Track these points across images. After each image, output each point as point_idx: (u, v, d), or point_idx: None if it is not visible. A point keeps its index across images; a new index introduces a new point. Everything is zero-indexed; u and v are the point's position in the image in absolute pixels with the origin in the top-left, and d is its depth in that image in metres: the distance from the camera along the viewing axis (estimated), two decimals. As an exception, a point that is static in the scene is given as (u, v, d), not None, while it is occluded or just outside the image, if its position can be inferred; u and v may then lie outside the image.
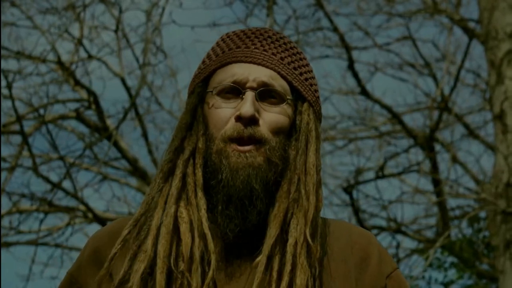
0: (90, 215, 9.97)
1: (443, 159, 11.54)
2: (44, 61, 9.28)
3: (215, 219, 1.72)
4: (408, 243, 15.51)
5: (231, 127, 1.74)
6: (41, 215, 9.56)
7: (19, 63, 9.34)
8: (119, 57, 10.22)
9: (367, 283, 1.77)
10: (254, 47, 1.81)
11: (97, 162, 10.70)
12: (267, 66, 1.79)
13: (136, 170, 10.77)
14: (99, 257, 1.79)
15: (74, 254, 10.31)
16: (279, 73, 1.79)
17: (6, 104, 9.34)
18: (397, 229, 10.16)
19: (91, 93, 9.83)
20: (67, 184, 9.60)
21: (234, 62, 1.80)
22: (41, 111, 9.62)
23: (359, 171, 10.44)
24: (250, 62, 1.79)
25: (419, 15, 10.59)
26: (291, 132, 1.79)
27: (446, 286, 10.83)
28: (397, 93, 19.91)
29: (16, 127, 9.58)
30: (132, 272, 1.69)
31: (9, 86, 8.33)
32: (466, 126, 11.05)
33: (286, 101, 1.78)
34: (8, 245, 10.04)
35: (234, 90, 1.77)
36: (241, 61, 1.79)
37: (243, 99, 1.75)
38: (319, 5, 9.69)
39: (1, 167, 9.14)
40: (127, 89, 10.17)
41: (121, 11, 9.78)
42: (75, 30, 9.93)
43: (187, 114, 1.81)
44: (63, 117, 10.27)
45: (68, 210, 10.08)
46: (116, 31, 9.95)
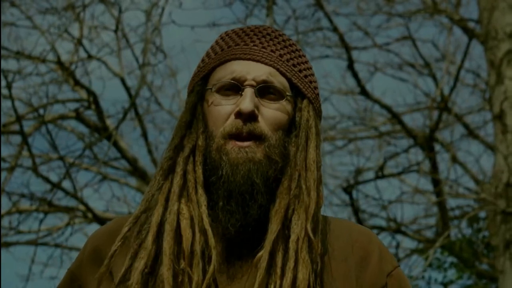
0: (89, 215, 9.97)
1: (442, 159, 11.55)
2: (43, 61, 9.28)
3: (215, 216, 1.72)
4: (408, 243, 15.50)
5: (230, 123, 1.74)
6: (40, 215, 9.56)
7: (18, 63, 9.36)
8: (118, 57, 10.23)
9: (367, 281, 1.77)
10: (253, 44, 1.81)
11: (96, 162, 10.70)
12: (266, 63, 1.79)
13: (135, 170, 10.77)
14: (99, 255, 1.79)
15: (74, 254, 10.31)
16: (278, 70, 1.79)
17: (6, 104, 9.35)
18: (396, 229, 10.16)
19: (90, 93, 9.83)
20: (66, 184, 9.61)
21: (233, 59, 1.80)
22: (41, 111, 9.62)
23: (358, 171, 10.44)
24: (249, 59, 1.79)
25: (419, 15, 10.59)
26: (290, 128, 1.79)
27: (446, 286, 10.83)
28: (396, 93, 19.92)
29: (16, 127, 9.58)
30: (133, 269, 1.69)
31: (9, 86, 8.33)
32: (465, 126, 11.05)
33: (286, 98, 1.78)
34: (8, 245, 10.04)
35: (233, 87, 1.77)
36: (240, 58, 1.79)
37: (242, 95, 1.75)
38: (318, 5, 9.69)
39: (1, 167, 9.14)
40: (127, 89, 10.17)
41: (120, 11, 9.79)
42: (74, 30, 9.94)
43: (186, 113, 1.81)
44: (63, 117, 10.27)
45: (68, 210, 10.08)
46: (115, 31, 9.96)
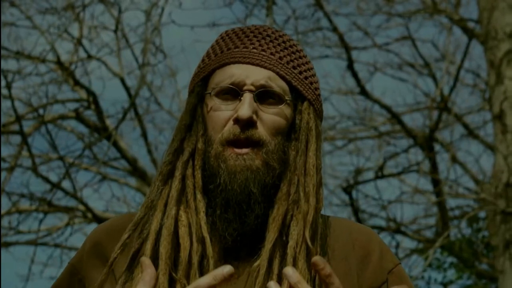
0: (89, 215, 9.97)
1: (442, 159, 11.55)
2: (43, 61, 9.28)
3: (214, 222, 1.72)
4: (408, 243, 15.49)
5: (228, 129, 1.73)
6: (40, 215, 9.57)
7: (18, 63, 9.36)
8: (118, 57, 10.23)
9: (368, 279, 1.77)
10: (252, 47, 1.80)
11: (96, 162, 10.70)
12: (265, 67, 1.78)
13: (135, 170, 10.77)
14: (99, 250, 1.79)
15: (74, 254, 10.29)
16: (277, 73, 1.78)
17: (6, 104, 9.35)
18: (396, 229, 10.15)
19: (90, 93, 9.83)
20: (66, 184, 9.61)
21: (232, 63, 1.79)
22: (41, 111, 9.62)
23: (358, 171, 10.44)
24: (248, 63, 1.78)
25: (419, 15, 10.59)
26: (290, 132, 1.78)
27: (446, 286, 10.84)
28: (396, 93, 19.94)
29: (15, 127, 9.58)
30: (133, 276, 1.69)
31: (8, 86, 8.33)
32: (465, 126, 11.05)
33: (285, 102, 1.77)
34: (7, 245, 10.03)
35: (232, 92, 1.76)
36: (239, 62, 1.78)
37: (241, 100, 1.74)
38: (318, 5, 9.69)
39: (0, 167, 9.14)
40: (127, 89, 10.17)
41: (120, 11, 9.79)
42: (74, 30, 9.92)
43: (186, 115, 1.80)
44: (63, 117, 10.27)
45: (68, 210, 10.08)
46: (115, 31, 9.96)
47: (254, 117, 1.73)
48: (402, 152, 11.04)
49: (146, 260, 1.57)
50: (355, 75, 10.03)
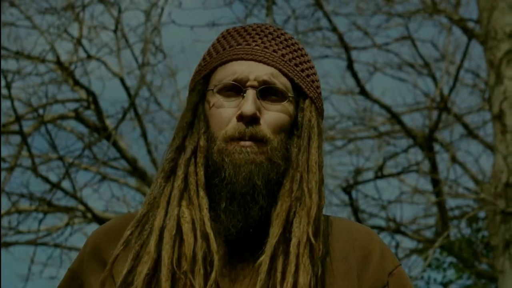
0: (89, 215, 9.96)
1: (442, 159, 11.55)
2: (43, 61, 9.28)
3: (217, 217, 1.71)
4: (407, 243, 15.50)
5: (232, 127, 1.73)
6: (40, 215, 9.57)
7: (18, 63, 9.35)
8: (118, 57, 10.23)
9: (368, 280, 1.77)
10: (255, 44, 1.80)
11: (96, 162, 10.69)
12: (268, 64, 1.78)
13: (135, 170, 10.77)
14: (100, 254, 1.78)
15: (74, 254, 10.31)
16: (280, 70, 1.78)
17: (6, 104, 9.35)
18: (396, 229, 10.15)
19: (90, 93, 9.83)
20: (66, 184, 9.61)
21: (234, 59, 1.78)
22: (40, 111, 9.62)
23: (358, 171, 10.44)
24: (251, 60, 1.78)
25: (418, 15, 10.59)
26: (292, 129, 1.78)
27: (445, 286, 10.84)
28: (396, 93, 19.90)
29: (15, 127, 9.58)
30: (136, 273, 1.69)
31: (8, 86, 8.34)
32: (465, 126, 11.05)
33: (288, 99, 1.77)
34: (7, 245, 10.03)
35: (235, 88, 1.76)
36: (242, 59, 1.78)
37: (244, 97, 1.74)
38: (318, 5, 9.69)
39: (0, 167, 9.14)
40: (126, 89, 10.17)
41: (120, 11, 9.79)
42: (74, 30, 9.91)
43: (188, 112, 1.80)
44: (62, 117, 10.27)
45: (67, 210, 10.08)
46: (115, 31, 9.96)
47: (258, 113, 1.73)
48: (401, 152, 11.04)
49: None
50: (354, 75, 10.03)
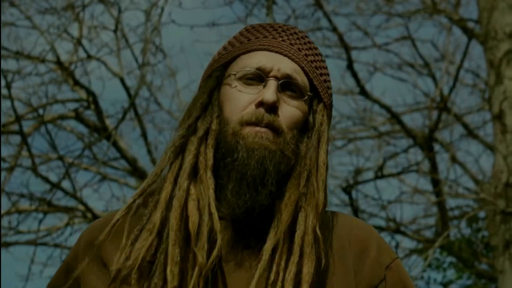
0: (89, 215, 9.96)
1: (442, 159, 11.56)
2: (43, 61, 9.28)
3: (222, 198, 1.72)
4: (407, 243, 15.51)
5: (250, 111, 1.75)
6: (40, 215, 9.56)
7: (18, 63, 9.34)
8: (118, 57, 10.22)
9: (366, 274, 1.77)
10: (281, 39, 1.82)
11: (96, 162, 10.69)
12: (292, 59, 1.80)
13: (135, 170, 10.77)
14: (94, 250, 1.77)
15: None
16: (302, 68, 1.80)
17: (5, 104, 9.34)
18: (396, 229, 10.15)
19: (90, 93, 9.82)
20: (66, 184, 9.60)
21: (260, 49, 1.81)
22: (40, 111, 9.62)
23: (358, 171, 10.44)
24: (276, 52, 1.80)
25: (418, 15, 10.59)
26: (303, 128, 1.80)
27: (445, 286, 10.84)
28: (396, 93, 19.91)
29: (15, 127, 9.57)
30: (140, 240, 1.69)
31: (8, 86, 8.33)
32: (465, 126, 11.06)
33: (306, 97, 1.79)
34: (7, 245, 10.03)
35: (257, 77, 1.78)
36: (268, 50, 1.80)
37: (265, 86, 1.76)
38: (318, 5, 9.69)
39: (0, 167, 9.14)
40: (126, 89, 10.17)
41: (120, 11, 9.79)
42: (74, 30, 9.90)
43: (204, 95, 1.80)
44: (62, 117, 10.26)
45: (67, 210, 10.08)
46: (115, 31, 9.95)
47: (277, 104, 1.74)
48: (401, 152, 11.05)
49: None
50: (354, 75, 10.03)
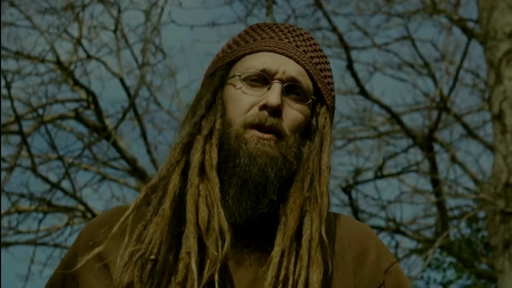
0: (89, 215, 9.96)
1: (442, 159, 11.57)
2: (43, 61, 9.28)
3: (225, 202, 1.71)
4: (407, 243, 15.53)
5: (253, 114, 1.74)
6: (40, 215, 9.55)
7: (18, 63, 9.34)
8: (118, 57, 10.23)
9: (365, 277, 1.77)
10: (287, 40, 1.81)
11: (96, 162, 10.69)
12: (298, 62, 1.79)
13: (135, 170, 10.77)
14: (94, 247, 1.75)
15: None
16: (307, 71, 1.80)
17: (5, 104, 9.34)
18: (396, 229, 10.15)
19: (90, 93, 9.83)
20: (66, 184, 9.61)
21: (266, 50, 1.79)
22: (40, 111, 9.62)
23: (358, 171, 10.44)
24: (282, 54, 1.79)
25: (418, 15, 10.60)
26: (305, 131, 1.79)
27: (445, 286, 10.83)
28: (396, 93, 19.92)
29: (15, 127, 9.57)
30: (153, 224, 1.68)
31: (8, 86, 8.33)
32: (465, 126, 11.06)
33: (310, 100, 1.79)
34: (7, 245, 10.03)
35: (261, 79, 1.77)
36: (274, 51, 1.79)
37: (269, 89, 1.75)
38: (318, 5, 9.69)
39: (0, 167, 9.14)
40: (126, 89, 10.17)
41: (120, 11, 9.79)
42: (74, 30, 9.90)
43: (208, 93, 1.80)
44: (62, 117, 10.26)
45: (67, 210, 10.08)
46: (115, 31, 9.95)
47: (281, 107, 1.74)
48: (401, 152, 11.05)
49: None
50: (354, 75, 10.03)
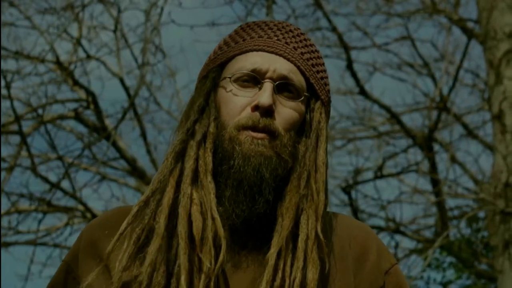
0: (88, 215, 9.96)
1: (441, 159, 11.56)
2: (42, 61, 9.28)
3: (221, 205, 1.71)
4: (407, 243, 15.48)
5: (246, 115, 1.73)
6: (39, 215, 9.56)
7: (17, 63, 9.35)
8: (117, 57, 10.22)
9: (365, 277, 1.77)
10: (276, 38, 1.80)
11: (95, 162, 10.69)
12: (288, 59, 1.78)
13: (134, 170, 10.77)
14: (95, 247, 1.76)
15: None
16: (298, 68, 1.78)
17: (5, 104, 9.33)
18: (395, 229, 10.15)
19: (89, 93, 9.82)
20: (65, 184, 9.60)
21: (255, 50, 1.78)
22: (40, 111, 9.61)
23: (357, 171, 10.44)
24: (272, 52, 1.78)
25: (418, 15, 10.60)
26: (301, 128, 1.78)
27: (445, 286, 10.83)
28: (396, 93, 19.87)
29: (14, 127, 9.57)
30: (146, 250, 1.68)
31: (8, 86, 8.33)
32: (464, 126, 11.06)
33: (302, 98, 1.77)
34: (7, 245, 10.03)
35: (252, 79, 1.76)
36: (263, 50, 1.78)
37: (260, 89, 1.74)
38: (317, 5, 9.69)
39: (0, 167, 9.14)
40: (126, 89, 10.17)
41: (119, 11, 9.79)
42: (73, 30, 9.90)
43: (200, 97, 1.79)
44: (62, 117, 10.26)
45: (67, 210, 10.08)
46: (115, 31, 9.95)
47: (273, 107, 1.73)
48: (401, 152, 11.05)
49: None
50: (354, 75, 10.02)
